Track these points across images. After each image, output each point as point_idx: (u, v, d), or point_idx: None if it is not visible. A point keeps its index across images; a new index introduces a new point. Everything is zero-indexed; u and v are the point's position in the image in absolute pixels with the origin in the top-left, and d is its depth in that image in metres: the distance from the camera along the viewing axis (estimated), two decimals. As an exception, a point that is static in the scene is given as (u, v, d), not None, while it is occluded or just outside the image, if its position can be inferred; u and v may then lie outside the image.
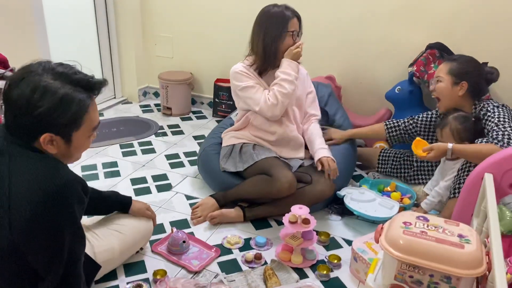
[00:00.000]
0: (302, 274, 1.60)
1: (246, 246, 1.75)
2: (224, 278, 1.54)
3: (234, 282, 1.53)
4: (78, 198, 1.10)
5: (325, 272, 1.58)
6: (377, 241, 1.27)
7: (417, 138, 1.90)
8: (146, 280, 1.53)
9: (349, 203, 1.92)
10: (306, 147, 2.07)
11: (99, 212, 1.56)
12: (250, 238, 1.79)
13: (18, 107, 1.04)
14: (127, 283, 1.50)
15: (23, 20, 2.32)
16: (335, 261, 1.65)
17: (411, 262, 1.16)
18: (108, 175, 2.24)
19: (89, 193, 1.17)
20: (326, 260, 1.67)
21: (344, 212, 1.95)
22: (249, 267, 1.63)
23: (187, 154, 2.50)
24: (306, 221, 1.63)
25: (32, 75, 1.05)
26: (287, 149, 2.00)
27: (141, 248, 1.66)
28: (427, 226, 1.23)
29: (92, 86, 1.12)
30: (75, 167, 2.26)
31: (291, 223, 1.63)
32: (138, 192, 2.10)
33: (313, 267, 1.63)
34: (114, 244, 1.49)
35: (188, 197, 2.07)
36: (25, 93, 1.03)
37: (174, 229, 1.72)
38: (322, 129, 2.10)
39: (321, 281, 1.57)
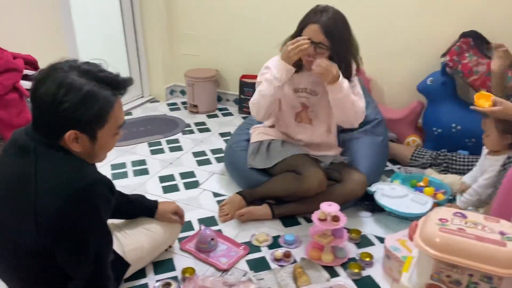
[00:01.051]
0: (332, 273, 1.56)
1: (274, 244, 1.72)
2: (253, 276, 1.52)
3: (263, 281, 1.51)
4: (105, 198, 1.10)
5: (356, 270, 1.54)
6: (411, 239, 1.21)
7: (482, 91, 1.73)
8: (175, 278, 1.53)
9: (380, 199, 1.86)
10: (338, 144, 2.02)
11: (124, 217, 1.52)
12: (278, 236, 1.76)
13: (44, 103, 1.05)
14: (156, 281, 1.51)
15: (51, 22, 2.37)
16: (367, 259, 1.60)
17: (448, 261, 1.11)
18: (137, 173, 2.26)
19: (116, 193, 1.17)
20: (357, 258, 1.62)
21: (375, 208, 1.89)
22: (278, 265, 1.60)
23: (213, 151, 2.49)
24: (336, 219, 1.58)
25: (58, 72, 1.06)
26: (317, 149, 1.95)
27: (170, 246, 1.66)
28: (465, 223, 1.16)
29: (117, 84, 1.12)
30: (104, 166, 2.29)
31: (320, 221, 1.59)
32: (166, 189, 2.10)
33: (344, 265, 1.59)
34: (144, 242, 1.49)
35: (216, 194, 2.06)
36: (51, 89, 1.04)
37: (202, 227, 1.71)
38: None
39: (353, 280, 1.52)
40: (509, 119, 1.62)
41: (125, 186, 2.12)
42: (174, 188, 2.12)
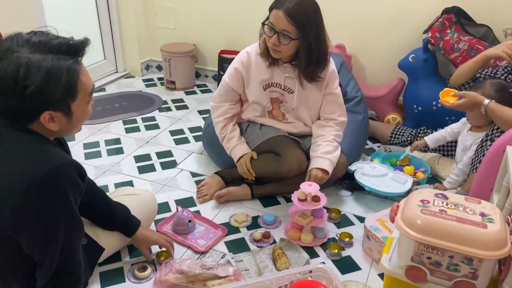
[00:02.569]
0: (312, 253, 1.54)
1: (254, 224, 1.69)
2: (232, 258, 1.49)
3: (242, 263, 1.48)
4: (73, 182, 1.03)
5: (336, 251, 1.52)
6: (392, 220, 1.19)
7: (446, 88, 1.77)
8: (151, 261, 1.48)
9: (360, 178, 1.85)
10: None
11: (100, 225, 1.37)
12: (258, 216, 1.73)
13: (6, 90, 0.96)
14: (132, 264, 1.46)
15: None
16: (347, 239, 1.59)
17: (429, 243, 1.09)
18: (111, 152, 2.18)
19: (85, 178, 1.11)
20: (337, 238, 1.61)
21: (355, 187, 1.88)
22: (258, 246, 1.58)
23: (192, 130, 2.42)
24: (316, 199, 1.56)
25: (9, 54, 0.96)
26: (297, 135, 1.85)
27: (146, 228, 1.61)
28: (447, 204, 1.15)
29: (75, 49, 1.02)
30: (77, 145, 2.20)
31: (300, 201, 1.56)
32: (142, 169, 2.04)
33: (324, 246, 1.58)
34: (117, 225, 1.43)
35: (194, 174, 2.01)
36: (8, 74, 0.95)
37: (180, 208, 1.66)
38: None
39: (332, 261, 1.51)
40: (476, 107, 1.65)
41: (99, 166, 2.04)
42: (151, 168, 2.05)
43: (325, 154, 1.67)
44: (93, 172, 1.99)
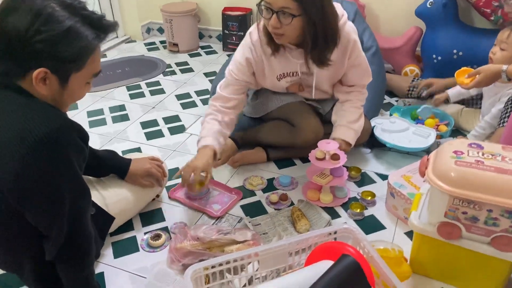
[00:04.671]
0: (333, 214, 1.47)
1: (269, 187, 1.61)
2: (249, 222, 1.42)
3: (260, 226, 1.41)
4: (75, 146, 0.95)
5: (358, 210, 1.44)
6: (422, 174, 1.10)
7: (463, 68, 1.62)
8: (165, 228, 1.42)
9: (380, 135, 1.74)
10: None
11: (90, 173, 1.30)
12: (273, 178, 1.64)
13: (14, 34, 0.87)
14: (145, 233, 1.40)
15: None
16: (369, 198, 1.50)
17: (465, 197, 1.00)
18: (117, 119, 2.08)
19: (88, 141, 1.02)
20: (358, 197, 1.53)
21: (375, 144, 1.78)
22: (275, 209, 1.50)
23: (198, 93, 2.31)
24: (335, 157, 1.46)
25: (35, 0, 0.88)
26: (315, 101, 1.71)
27: (158, 196, 1.54)
28: (482, 154, 1.05)
29: (102, 26, 0.95)
30: (80, 113, 2.11)
31: (318, 160, 1.47)
32: (149, 136, 1.95)
33: (345, 206, 1.49)
34: (127, 193, 1.36)
35: (204, 138, 1.92)
36: (24, 19, 0.86)
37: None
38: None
39: (355, 220, 1.44)
40: (496, 78, 1.47)
41: (104, 134, 1.96)
42: (159, 134, 1.96)
43: (351, 123, 1.55)
44: (98, 140, 1.91)
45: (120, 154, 1.40)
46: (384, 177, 1.61)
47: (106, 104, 2.22)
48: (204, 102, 2.22)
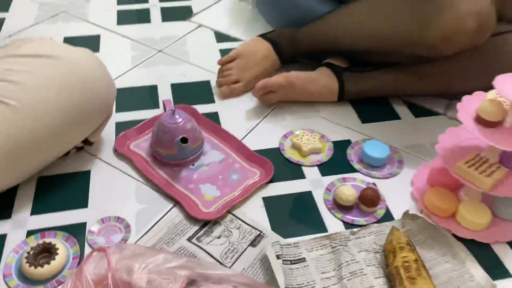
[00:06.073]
0: (492, 260, 0.58)
1: (336, 159, 0.73)
2: (280, 249, 0.56)
3: (301, 266, 0.56)
4: None
5: None
6: None
7: None
8: (78, 228, 0.60)
9: None
10: None
11: None
12: (348, 142, 0.76)
13: None
14: (30, 232, 0.58)
15: None
16: None
17: None
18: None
19: None
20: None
21: None
22: (345, 222, 0.63)
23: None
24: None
25: None
26: None
27: (88, 142, 0.69)
28: None
29: None
30: None
31: (482, 123, 0.56)
32: (123, 17, 1.10)
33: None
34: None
35: (220, 36, 1.03)
36: None
37: (169, 103, 0.72)
38: None
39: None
40: None
41: (49, 2, 1.10)
42: (142, 17, 1.10)
43: None
44: (36, 12, 1.06)
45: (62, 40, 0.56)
46: None
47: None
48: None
